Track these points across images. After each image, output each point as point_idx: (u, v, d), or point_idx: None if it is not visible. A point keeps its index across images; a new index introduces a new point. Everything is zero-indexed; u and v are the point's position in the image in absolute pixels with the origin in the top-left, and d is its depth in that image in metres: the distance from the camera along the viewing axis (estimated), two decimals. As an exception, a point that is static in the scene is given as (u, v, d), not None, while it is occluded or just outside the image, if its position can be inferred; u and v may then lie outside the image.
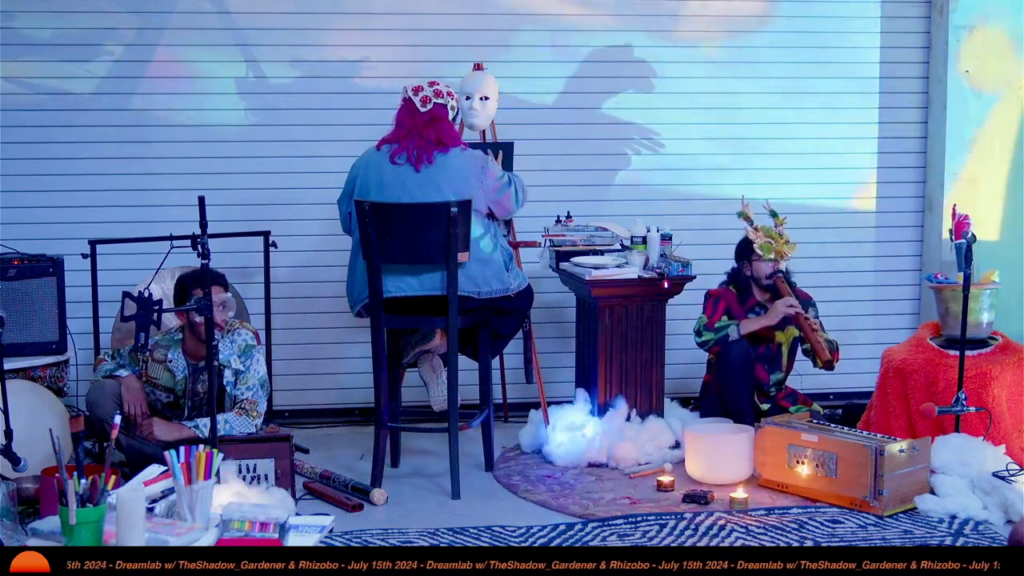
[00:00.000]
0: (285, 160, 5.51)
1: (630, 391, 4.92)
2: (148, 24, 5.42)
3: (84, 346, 5.09)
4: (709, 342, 4.93)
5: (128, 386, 4.41)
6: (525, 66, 5.61)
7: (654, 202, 5.69)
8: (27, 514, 3.89)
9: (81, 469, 2.89)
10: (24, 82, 5.36)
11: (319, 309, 5.57)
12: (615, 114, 5.72)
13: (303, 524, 3.07)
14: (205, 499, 3.05)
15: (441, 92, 4.47)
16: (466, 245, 4.36)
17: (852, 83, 5.87)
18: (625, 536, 3.97)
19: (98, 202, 5.42)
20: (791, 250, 4.97)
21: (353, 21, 5.53)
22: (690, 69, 5.74)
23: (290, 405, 5.56)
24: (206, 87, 5.47)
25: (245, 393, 4.42)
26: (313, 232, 5.53)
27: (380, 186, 4.40)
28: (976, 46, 5.67)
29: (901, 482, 4.17)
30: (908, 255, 5.97)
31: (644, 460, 4.76)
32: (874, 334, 5.86)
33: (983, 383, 4.51)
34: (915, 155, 5.93)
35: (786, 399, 5.05)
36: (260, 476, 4.18)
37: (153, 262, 4.50)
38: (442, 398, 4.61)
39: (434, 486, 4.59)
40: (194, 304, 4.00)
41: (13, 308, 4.61)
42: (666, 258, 4.94)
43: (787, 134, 5.85)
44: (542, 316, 5.61)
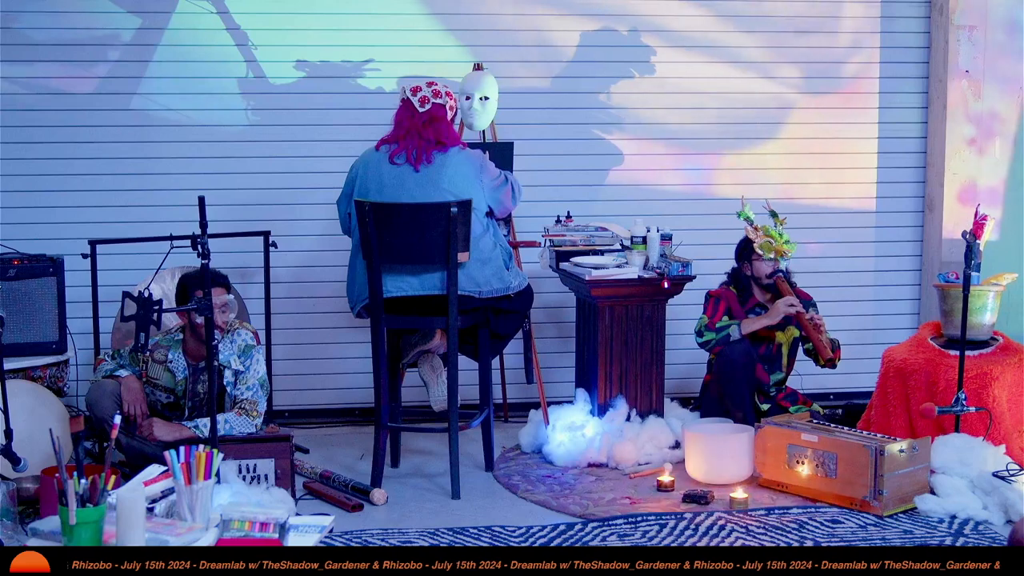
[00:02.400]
0: (285, 160, 5.51)
1: (630, 391, 4.92)
2: (148, 24, 5.42)
3: (84, 346, 5.09)
4: (710, 342, 4.93)
5: (128, 386, 4.41)
6: (525, 66, 5.62)
7: (654, 202, 5.69)
8: (27, 514, 3.89)
9: (81, 469, 2.89)
10: (24, 82, 5.36)
11: (319, 309, 5.57)
12: (615, 114, 5.72)
13: (303, 524, 3.06)
14: (205, 499, 3.05)
15: (439, 92, 4.47)
16: (466, 245, 4.36)
17: (852, 83, 5.87)
18: (625, 536, 3.97)
19: (98, 202, 5.42)
20: (791, 250, 4.97)
21: (353, 21, 5.53)
22: (690, 69, 5.75)
23: (290, 405, 5.56)
24: (206, 87, 5.47)
25: (245, 393, 4.42)
26: (313, 232, 5.53)
27: (379, 186, 4.40)
28: (976, 46, 5.67)
29: (901, 482, 4.17)
30: (908, 255, 5.97)
31: (644, 460, 4.76)
32: (874, 334, 5.86)
33: (983, 383, 4.51)
34: (915, 155, 5.93)
35: (786, 399, 5.05)
36: (260, 476, 4.18)
37: (153, 262, 4.50)
38: (442, 398, 4.61)
39: (434, 486, 4.59)
40: (194, 305, 4.00)
41: (13, 308, 4.61)
42: (666, 258, 4.94)
43: (787, 134, 5.85)
44: (542, 316, 5.61)
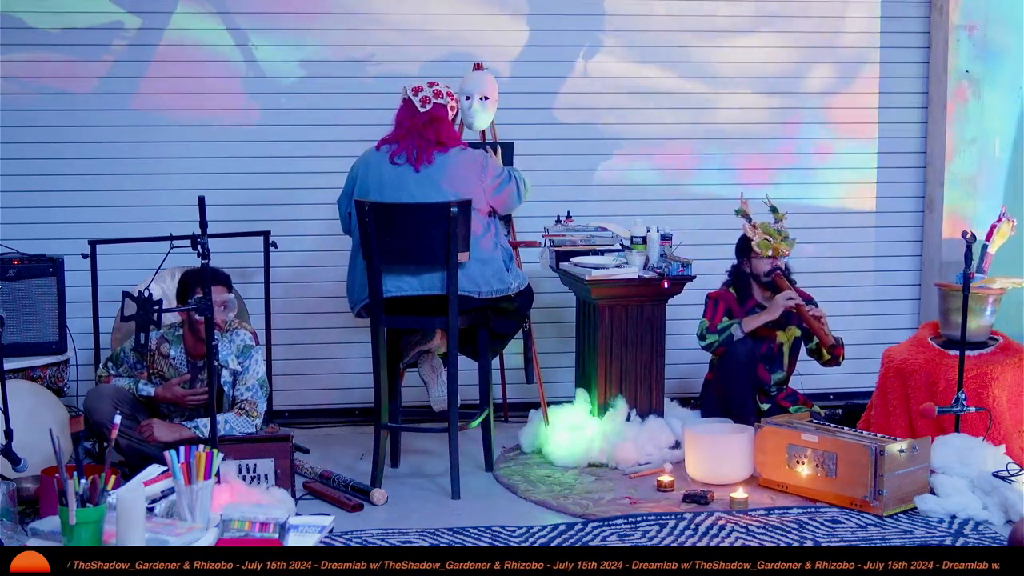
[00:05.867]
0: (285, 160, 5.51)
1: (630, 391, 4.91)
2: (148, 24, 5.42)
3: (84, 346, 5.09)
4: (714, 344, 4.93)
5: (164, 393, 4.42)
6: (525, 66, 5.62)
7: (654, 202, 5.69)
8: (27, 514, 3.89)
9: (81, 469, 2.89)
10: (24, 82, 5.36)
11: (319, 309, 5.57)
12: (616, 114, 5.72)
13: (303, 524, 3.06)
14: (205, 499, 3.05)
15: (440, 92, 4.47)
16: (466, 245, 4.36)
17: (852, 83, 5.87)
18: (625, 536, 3.97)
19: (98, 202, 5.42)
20: (789, 247, 4.97)
21: (353, 21, 5.53)
22: (690, 69, 5.75)
23: (290, 405, 5.56)
24: (206, 87, 5.47)
25: (244, 394, 4.41)
26: (313, 232, 5.53)
27: (380, 186, 4.40)
28: (976, 46, 5.67)
29: (901, 482, 4.17)
30: (908, 255, 5.97)
31: (644, 460, 4.76)
32: (874, 334, 5.86)
33: (983, 383, 4.51)
34: (915, 155, 5.93)
35: (786, 399, 5.05)
36: (260, 476, 4.18)
37: (153, 262, 4.50)
38: (442, 398, 4.61)
39: (434, 486, 4.59)
40: (194, 304, 3.99)
41: (13, 308, 4.61)
42: (666, 258, 4.94)
43: (787, 134, 5.85)
44: (542, 316, 5.60)
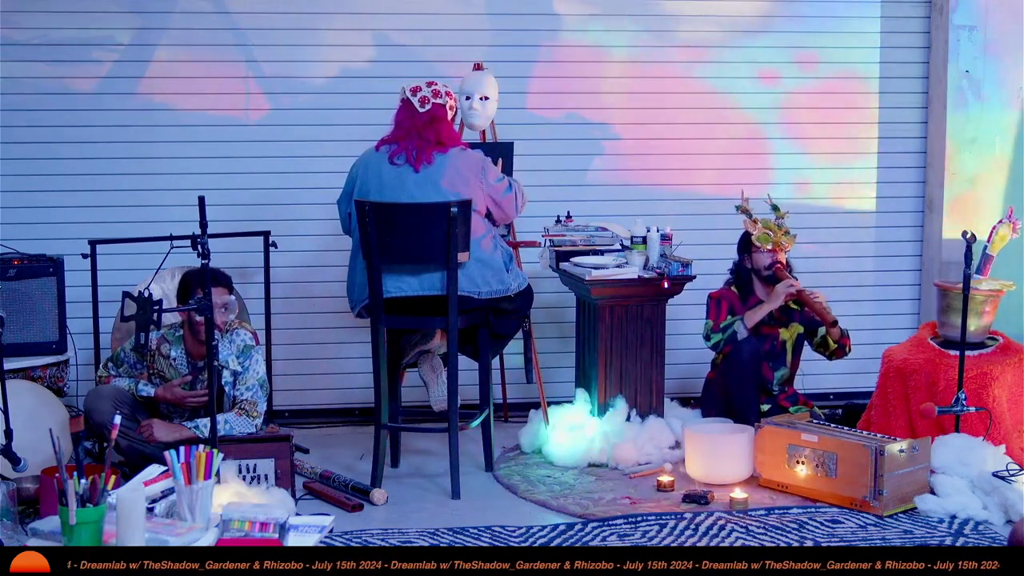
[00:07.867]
0: (286, 160, 5.51)
1: (630, 391, 4.91)
2: (148, 24, 5.42)
3: (84, 346, 5.09)
4: (720, 343, 4.93)
5: (164, 393, 4.41)
6: (525, 66, 5.61)
7: (654, 202, 5.69)
8: (27, 514, 3.89)
9: (81, 469, 2.89)
10: (24, 82, 5.36)
11: (319, 309, 5.57)
12: (616, 114, 5.72)
13: (303, 524, 3.06)
14: (205, 499, 3.05)
15: (440, 92, 4.47)
16: (466, 245, 4.36)
17: (852, 83, 5.87)
18: (625, 536, 3.97)
19: (98, 202, 5.42)
20: (789, 242, 4.97)
21: (353, 21, 5.53)
22: (690, 69, 5.75)
23: (290, 405, 5.56)
24: (206, 87, 5.47)
25: (244, 394, 4.41)
26: (313, 232, 5.53)
27: (379, 186, 4.40)
28: (976, 46, 5.67)
29: (901, 482, 4.17)
30: (908, 255, 5.98)
31: (644, 460, 4.76)
32: (874, 334, 5.85)
33: (983, 383, 4.51)
34: (915, 155, 5.93)
35: (786, 399, 5.05)
36: (260, 476, 4.18)
37: (153, 262, 4.51)
38: (442, 398, 4.61)
39: (434, 486, 4.59)
40: (194, 304, 3.99)
41: (13, 308, 4.61)
42: (666, 258, 4.94)
43: (787, 134, 5.85)
44: (542, 316, 5.61)
